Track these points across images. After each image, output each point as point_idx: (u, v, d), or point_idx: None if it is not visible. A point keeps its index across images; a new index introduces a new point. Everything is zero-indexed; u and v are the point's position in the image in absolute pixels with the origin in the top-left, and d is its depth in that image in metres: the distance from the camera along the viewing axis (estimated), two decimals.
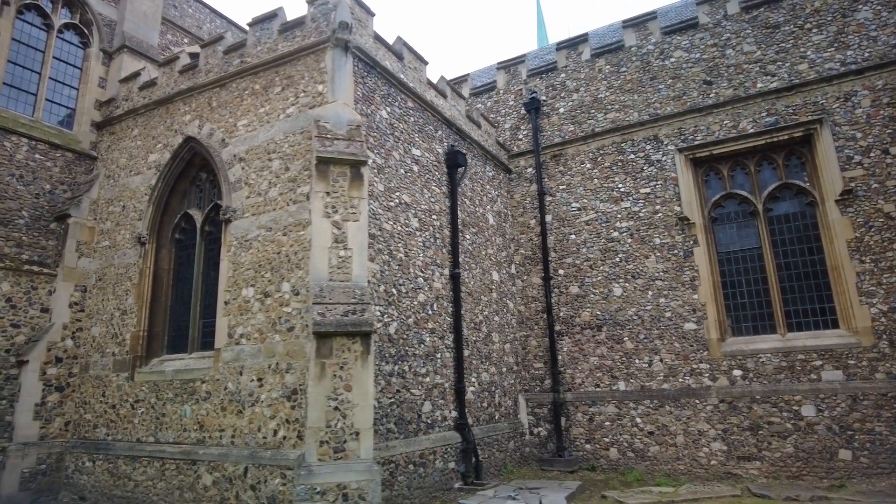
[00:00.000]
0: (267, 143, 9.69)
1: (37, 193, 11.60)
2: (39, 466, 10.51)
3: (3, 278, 10.75)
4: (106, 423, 10.54)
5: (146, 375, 10.21)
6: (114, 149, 12.40)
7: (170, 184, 11.10)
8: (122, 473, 9.86)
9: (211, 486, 8.64)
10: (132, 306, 10.79)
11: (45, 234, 11.57)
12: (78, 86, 12.99)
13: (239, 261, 9.44)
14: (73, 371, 11.26)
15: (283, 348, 8.50)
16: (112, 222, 11.78)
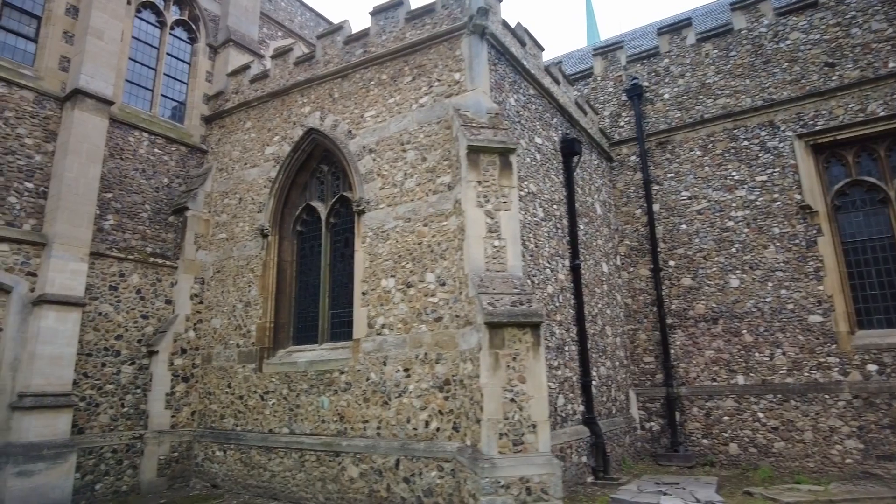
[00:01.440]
0: (400, 134, 9.58)
1: (157, 187, 11.79)
2: (172, 454, 10.71)
3: (133, 270, 10.96)
4: (234, 413, 10.65)
5: (275, 367, 10.27)
6: (225, 142, 12.51)
7: (290, 176, 11.12)
8: (257, 463, 9.94)
9: (357, 478, 8.62)
10: (256, 298, 10.87)
11: (164, 227, 11.75)
12: (187, 80, 13.15)
13: (375, 252, 9.38)
14: (196, 362, 11.43)
15: (431, 339, 8.41)
16: (228, 215, 11.89)
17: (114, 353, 10.43)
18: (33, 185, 9.91)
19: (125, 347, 10.62)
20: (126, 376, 10.54)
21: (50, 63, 10.47)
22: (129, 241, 11.05)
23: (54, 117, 10.35)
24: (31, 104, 10.09)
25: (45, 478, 8.82)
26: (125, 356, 10.60)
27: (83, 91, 10.28)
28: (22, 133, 9.90)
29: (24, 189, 9.78)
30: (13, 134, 9.78)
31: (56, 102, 10.40)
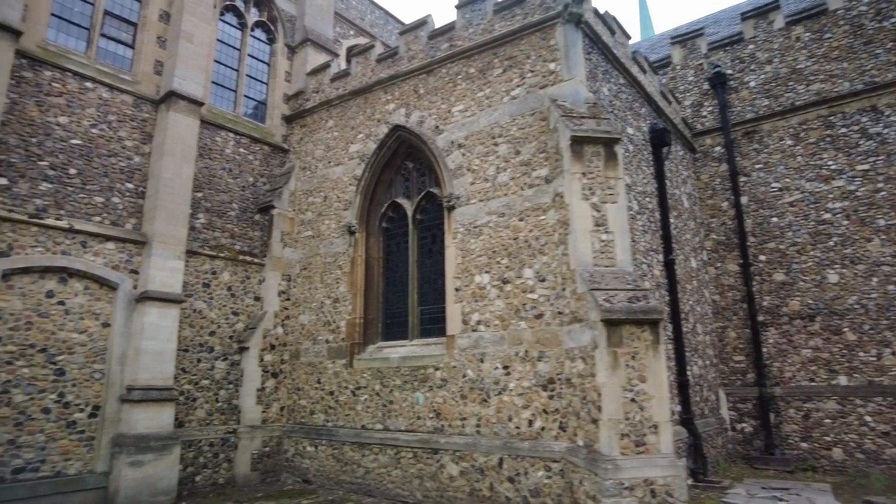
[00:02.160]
0: (490, 128, 9.43)
1: (243, 186, 12.00)
2: (264, 449, 10.89)
3: (224, 268, 11.19)
4: (324, 409, 10.74)
5: (366, 362, 10.29)
6: (307, 141, 12.64)
7: (376, 173, 11.13)
8: (350, 459, 9.99)
9: (458, 477, 8.53)
10: (345, 294, 10.92)
11: (251, 226, 11.96)
12: (267, 80, 13.34)
13: (468, 247, 9.27)
14: (285, 358, 11.59)
15: (532, 336, 8.23)
16: (313, 213, 12.00)
17: (208, 349, 10.68)
18: (133, 186, 10.22)
19: (218, 343, 10.86)
20: (219, 372, 10.77)
21: (145, 67, 10.78)
22: (218, 240, 11.29)
23: (150, 119, 10.65)
24: (130, 107, 10.40)
25: (153, 468, 9.08)
26: (218, 352, 10.83)
27: (176, 93, 10.53)
28: (123, 135, 10.22)
29: (125, 189, 10.09)
30: (115, 136, 10.10)
31: (152, 105, 10.70)
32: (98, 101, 9.99)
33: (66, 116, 9.58)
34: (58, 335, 8.90)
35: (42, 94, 9.35)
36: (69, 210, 9.33)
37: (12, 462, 8.23)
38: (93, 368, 9.20)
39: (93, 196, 9.66)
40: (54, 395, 8.74)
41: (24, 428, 8.41)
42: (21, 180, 8.91)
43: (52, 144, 9.32)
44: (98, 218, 9.65)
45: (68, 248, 9.14)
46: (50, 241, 8.97)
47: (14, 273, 8.59)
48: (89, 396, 9.10)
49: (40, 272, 8.87)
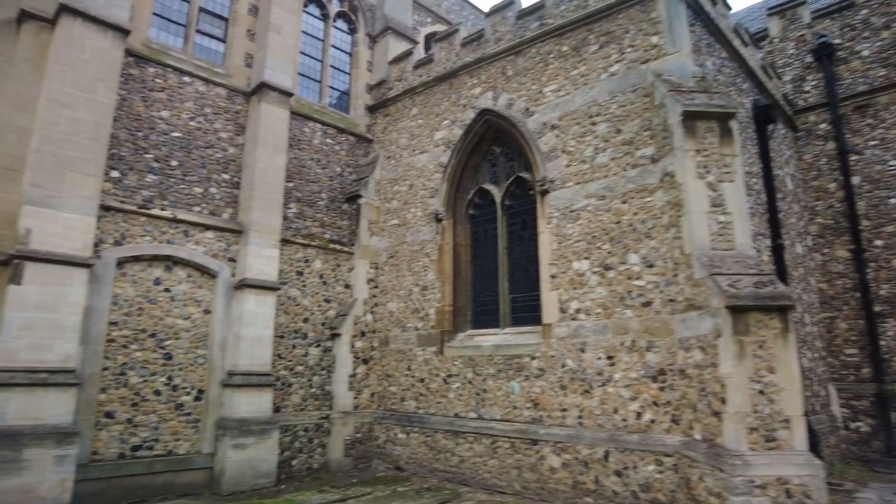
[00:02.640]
0: (587, 107, 9.06)
1: (330, 176, 12.12)
2: (356, 435, 11.01)
3: (316, 256, 11.34)
4: (415, 396, 10.73)
5: (457, 350, 10.18)
6: (390, 130, 12.62)
7: (462, 160, 10.96)
8: (443, 448, 9.93)
9: (559, 468, 8.29)
10: (433, 282, 10.85)
11: (339, 215, 12.07)
12: (349, 70, 13.41)
13: (564, 233, 8.96)
14: (374, 345, 11.66)
15: (639, 325, 7.85)
16: (399, 201, 11.98)
17: (302, 336, 10.86)
18: (228, 176, 10.48)
19: (311, 330, 11.03)
20: (313, 358, 10.95)
21: (236, 60, 11.01)
22: (309, 229, 11.45)
23: (243, 111, 10.88)
24: (223, 100, 10.66)
25: (254, 451, 9.32)
26: (312, 339, 11.01)
27: (268, 84, 10.71)
28: (218, 127, 10.48)
29: (221, 180, 10.37)
30: (211, 128, 10.38)
31: (244, 97, 10.93)
32: (195, 95, 10.29)
33: (168, 110, 9.91)
34: (165, 321, 9.25)
35: (146, 90, 9.70)
36: (172, 200, 9.66)
37: (131, 440, 8.63)
38: (196, 353, 9.52)
39: (192, 187, 9.97)
40: (164, 378, 9.10)
41: (140, 408, 8.79)
42: (130, 172, 9.29)
43: (155, 138, 9.67)
44: (197, 208, 9.95)
45: (172, 238, 9.48)
46: (157, 231, 9.32)
47: (126, 261, 8.97)
48: (194, 380, 9.43)
49: (149, 260, 9.23)
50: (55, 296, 7.81)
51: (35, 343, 7.60)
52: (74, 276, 8.02)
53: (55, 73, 8.30)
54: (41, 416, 7.47)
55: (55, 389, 7.62)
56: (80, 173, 8.29)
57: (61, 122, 8.24)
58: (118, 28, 8.95)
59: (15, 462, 7.11)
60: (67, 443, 7.53)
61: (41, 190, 7.94)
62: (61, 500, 7.39)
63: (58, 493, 7.38)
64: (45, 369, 7.60)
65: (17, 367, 7.42)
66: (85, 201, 8.28)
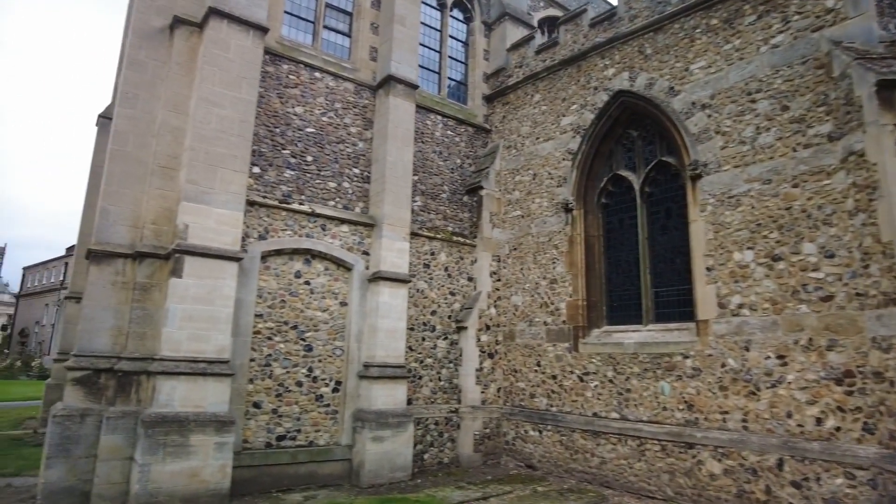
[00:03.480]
0: (744, 83, 8.28)
1: (451, 168, 11.96)
2: (485, 430, 10.82)
3: (441, 249, 11.23)
4: (545, 393, 10.37)
5: (594, 347, 9.72)
6: (510, 118, 12.27)
7: (594, 146, 10.44)
8: (581, 448, 9.52)
9: (720, 475, 7.66)
10: (563, 275, 10.43)
11: (460, 207, 11.89)
12: (466, 60, 13.18)
13: (721, 220, 8.25)
14: (499, 339, 11.41)
15: (818, 321, 7.07)
16: (521, 192, 11.62)
17: (430, 328, 10.79)
18: (359, 171, 10.54)
19: (439, 323, 10.94)
20: (441, 351, 10.85)
21: (362, 54, 11.04)
22: (433, 221, 11.35)
23: (370, 105, 10.91)
24: (352, 94, 10.72)
25: (391, 444, 9.32)
26: (439, 331, 10.91)
27: (395, 77, 10.65)
28: (348, 122, 10.56)
29: (352, 174, 10.44)
30: (342, 123, 10.47)
31: (370, 91, 10.94)
32: (325, 90, 10.40)
33: (302, 106, 10.07)
34: (305, 313, 9.42)
35: (281, 87, 9.89)
36: (308, 195, 9.82)
37: (276, 430, 8.85)
38: (334, 345, 9.64)
39: (326, 182, 10.09)
40: (304, 370, 9.27)
41: (283, 399, 9.01)
42: (270, 168, 9.51)
43: (291, 134, 9.85)
44: (332, 202, 10.06)
45: (311, 232, 9.62)
46: (296, 225, 9.49)
47: (269, 255, 9.20)
48: (332, 372, 9.55)
49: (290, 254, 9.42)
50: (210, 289, 8.09)
51: (195, 334, 7.90)
52: (227, 269, 8.28)
53: (206, 74, 8.59)
54: (202, 404, 7.76)
55: (213, 379, 7.90)
56: (228, 169, 8.55)
57: (211, 120, 8.52)
58: (258, 27, 9.15)
59: (183, 447, 7.42)
60: (225, 431, 7.78)
61: (196, 187, 8.24)
62: (222, 485, 7.66)
63: (219, 478, 7.64)
64: (203, 359, 7.90)
65: (180, 356, 7.74)
66: (234, 197, 8.53)
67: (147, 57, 8.99)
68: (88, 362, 7.90)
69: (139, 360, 7.96)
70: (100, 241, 8.23)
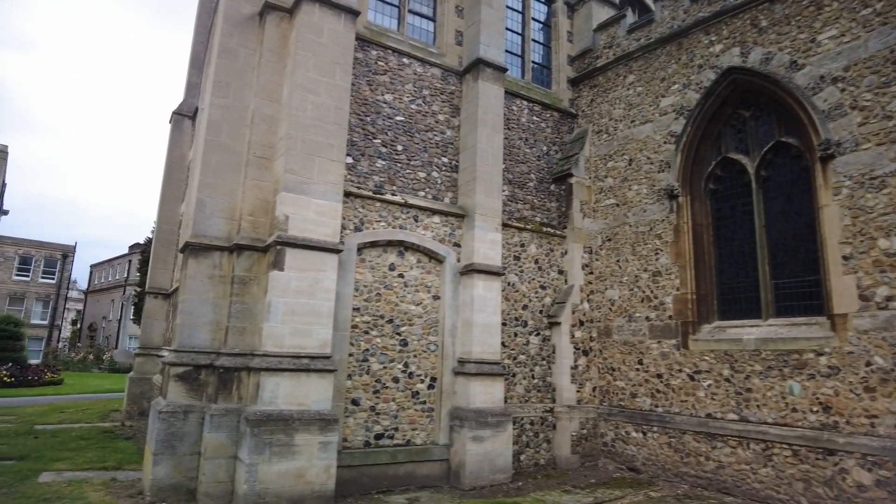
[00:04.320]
0: (889, 51, 7.46)
1: (538, 155, 11.42)
2: (581, 431, 10.28)
3: (531, 241, 10.72)
4: (649, 392, 9.76)
5: (706, 343, 9.05)
6: (600, 102, 11.64)
7: (700, 127, 9.73)
8: (693, 451, 8.88)
9: (871, 486, 6.92)
10: (668, 267, 9.77)
11: (547, 196, 11.35)
12: (549, 43, 12.60)
13: (862, 205, 7.48)
14: (593, 335, 10.85)
15: None
16: (615, 178, 11.00)
17: (522, 324, 10.31)
18: (447, 160, 10.12)
19: (530, 318, 10.45)
20: (533, 347, 10.37)
21: (447, 39, 10.61)
22: (521, 212, 10.85)
23: (457, 91, 10.47)
24: (439, 80, 10.31)
25: (491, 444, 8.89)
26: (531, 327, 10.42)
27: (483, 60, 10.18)
28: (436, 109, 10.15)
29: (441, 164, 10.03)
30: (430, 111, 10.07)
31: (456, 77, 10.51)
32: (413, 77, 10.01)
33: (391, 94, 9.71)
34: (400, 307, 9.08)
35: (371, 73, 9.56)
36: (399, 186, 9.46)
37: (374, 428, 8.55)
38: (428, 340, 9.27)
39: (416, 171, 9.71)
40: (400, 365, 8.94)
41: (381, 395, 8.69)
42: (362, 158, 9.19)
43: (382, 122, 9.50)
44: (422, 193, 9.68)
45: (404, 223, 9.27)
46: (390, 216, 9.15)
47: (364, 247, 8.88)
48: (427, 368, 9.19)
49: (384, 246, 9.09)
50: (312, 281, 7.81)
51: (297, 328, 7.64)
52: (327, 261, 7.99)
53: (300, 60, 8.30)
54: (305, 401, 7.49)
55: (316, 375, 7.63)
56: (325, 159, 8.25)
57: (307, 107, 8.23)
58: (349, 10, 8.81)
59: (288, 446, 7.17)
60: (329, 429, 7.49)
61: (294, 176, 7.96)
62: (327, 486, 7.37)
63: (324, 479, 7.36)
64: (306, 355, 7.63)
65: (283, 352, 7.49)
66: (332, 187, 8.22)
67: (238, 44, 8.78)
68: (189, 358, 7.75)
69: (239, 356, 7.75)
70: (197, 233, 8.06)
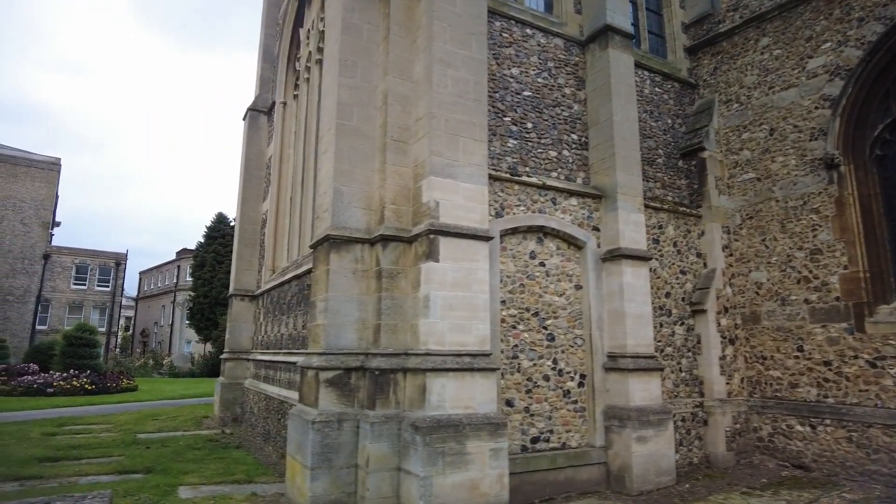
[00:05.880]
0: None
1: (663, 129, 10.56)
2: (735, 426, 9.43)
3: (668, 222, 9.89)
4: (814, 382, 8.86)
5: (889, 326, 8.13)
6: (726, 69, 10.71)
7: (864, 87, 8.76)
8: (883, 446, 7.98)
9: None
10: (829, 243, 8.85)
11: (676, 173, 10.48)
12: (660, 11, 11.69)
13: None
14: (737, 322, 9.97)
15: None
16: (753, 150, 10.08)
17: (666, 313, 9.49)
18: (576, 137, 9.32)
19: (674, 306, 9.62)
20: (679, 338, 9.55)
21: (566, 7, 9.80)
22: (653, 191, 10.01)
23: (580, 63, 9.66)
24: (562, 52, 9.51)
25: (654, 445, 8.11)
26: (675, 316, 9.60)
27: (612, 27, 9.34)
28: (561, 83, 9.36)
29: (571, 141, 9.24)
30: (556, 85, 9.28)
31: (578, 47, 9.70)
32: (537, 48, 9.24)
33: (517, 67, 8.95)
34: (543, 298, 8.34)
35: (496, 46, 8.81)
36: (532, 167, 8.70)
37: (529, 431, 7.84)
38: (574, 334, 8.51)
39: (547, 150, 8.94)
40: (549, 362, 8.20)
41: (533, 395, 7.98)
42: (494, 138, 8.45)
43: (510, 98, 8.75)
44: (555, 174, 8.91)
45: (542, 207, 8.51)
46: (528, 200, 8.40)
47: (505, 234, 8.16)
48: (575, 364, 8.43)
49: (524, 232, 8.36)
50: (466, 273, 7.09)
51: (456, 324, 6.93)
52: (479, 251, 7.25)
53: (437, 31, 7.56)
54: (471, 404, 6.79)
55: (479, 375, 6.91)
56: (468, 138, 7.51)
57: (447, 83, 7.50)
58: None
59: (460, 455, 6.47)
60: (499, 434, 6.77)
61: (441, 158, 7.24)
62: (501, 497, 6.66)
63: (497, 489, 6.65)
64: (467, 352, 6.91)
65: (445, 350, 6.79)
66: (477, 169, 7.48)
67: (360, 20, 8.08)
68: (338, 361, 7.10)
69: (394, 357, 7.08)
70: (337, 225, 7.39)
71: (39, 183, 35.68)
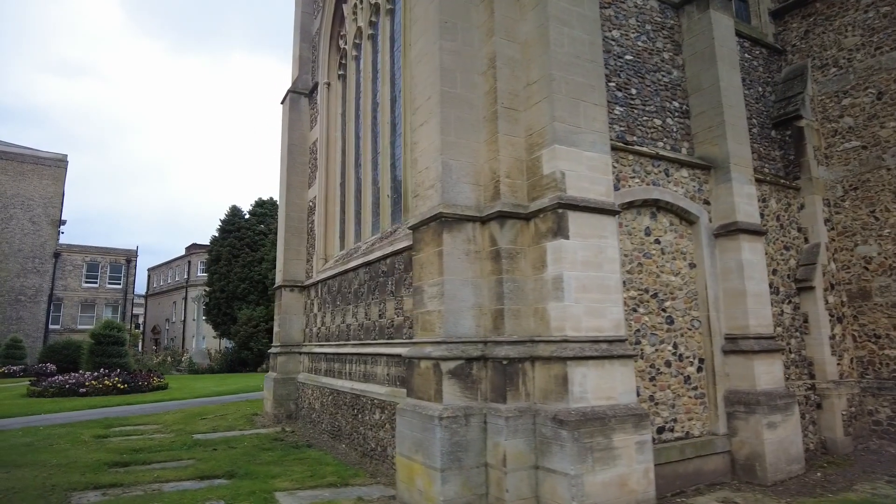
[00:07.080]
0: None
1: (755, 98, 9.94)
2: (850, 409, 8.90)
3: (770, 195, 9.30)
4: None
5: None
6: (820, 32, 10.09)
7: None
8: None
9: None
10: None
11: (770, 144, 9.87)
12: None
13: None
14: (843, 299, 9.42)
15: None
16: (856, 117, 9.48)
17: (775, 291, 8.91)
18: (678, 104, 8.68)
19: (781, 284, 9.05)
20: (787, 317, 8.98)
21: None
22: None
23: (676, 27, 9.00)
24: (658, 14, 8.84)
25: (783, 431, 7.56)
26: (783, 294, 9.03)
27: None
28: (660, 47, 8.70)
29: (673, 108, 8.60)
30: (655, 49, 8.62)
31: (672, 9, 9.03)
32: (635, 10, 8.56)
33: (617, 30, 8.28)
34: (661, 278, 7.73)
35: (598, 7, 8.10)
36: (639, 136, 8.06)
37: (655, 420, 7.27)
38: (691, 316, 7.92)
39: (652, 118, 8.30)
40: (670, 347, 7.62)
41: (657, 383, 7.40)
42: None
43: (613, 63, 8.09)
44: (661, 143, 8.27)
45: (656, 179, 7.89)
46: (642, 171, 7.78)
47: (622, 208, 7.51)
48: (693, 348, 7.86)
49: (638, 206, 7.74)
50: (596, 251, 6.46)
51: (590, 308, 6.31)
52: (607, 226, 6.62)
53: None
54: (612, 394, 6.18)
55: (618, 363, 6.30)
56: (588, 103, 6.85)
57: (564, 42, 6.82)
58: None
59: (608, 450, 5.88)
60: (643, 426, 6.17)
61: (564, 125, 6.58)
62: (648, 493, 6.09)
63: (644, 485, 6.07)
64: (603, 338, 6.29)
65: (582, 336, 6.18)
66: (599, 136, 6.82)
67: None
68: (459, 350, 6.47)
69: (520, 344, 6.46)
70: (448, 202, 6.72)
71: (47, 180, 34.68)
